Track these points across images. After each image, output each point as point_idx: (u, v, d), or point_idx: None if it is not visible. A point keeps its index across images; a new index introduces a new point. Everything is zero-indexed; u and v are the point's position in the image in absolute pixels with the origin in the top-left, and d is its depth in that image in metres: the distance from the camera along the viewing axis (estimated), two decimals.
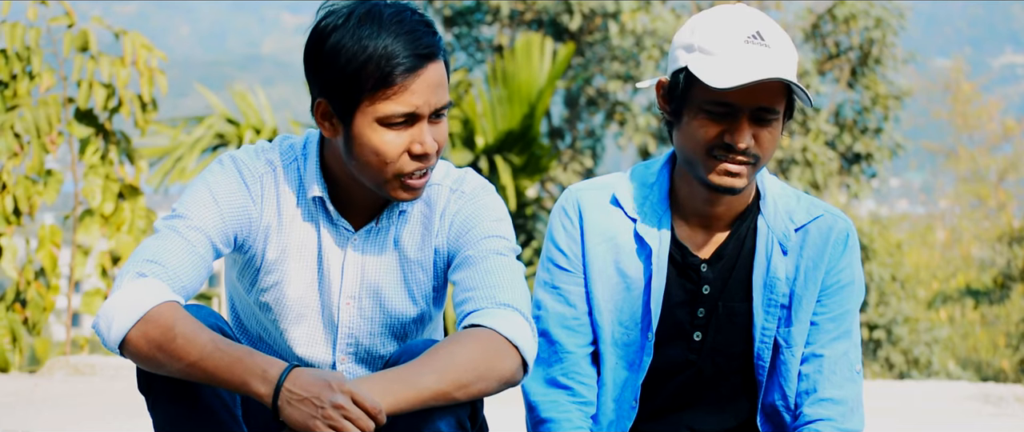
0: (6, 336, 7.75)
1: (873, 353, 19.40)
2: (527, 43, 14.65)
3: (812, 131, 19.50)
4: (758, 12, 2.93)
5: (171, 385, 2.64)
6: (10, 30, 7.98)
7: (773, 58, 2.85)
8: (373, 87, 2.64)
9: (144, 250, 2.69)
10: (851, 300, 3.07)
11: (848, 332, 3.07)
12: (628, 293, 3.07)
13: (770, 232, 3.04)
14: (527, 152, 14.23)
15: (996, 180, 28.63)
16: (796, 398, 3.06)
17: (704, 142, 2.90)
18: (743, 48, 2.85)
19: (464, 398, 2.61)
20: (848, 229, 3.07)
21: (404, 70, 2.64)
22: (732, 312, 3.06)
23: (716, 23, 2.89)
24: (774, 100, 2.87)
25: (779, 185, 3.11)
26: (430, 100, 2.69)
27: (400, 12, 2.68)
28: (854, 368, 3.07)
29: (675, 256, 3.05)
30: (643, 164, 3.14)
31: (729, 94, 2.85)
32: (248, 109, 13.76)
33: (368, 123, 2.68)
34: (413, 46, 2.65)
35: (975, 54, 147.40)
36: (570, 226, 3.09)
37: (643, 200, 3.07)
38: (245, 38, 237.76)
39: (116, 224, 8.18)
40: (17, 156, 7.85)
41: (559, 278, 3.09)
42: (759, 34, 2.87)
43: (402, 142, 2.69)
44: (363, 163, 2.72)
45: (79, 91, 8.14)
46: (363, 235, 2.86)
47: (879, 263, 19.15)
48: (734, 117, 2.87)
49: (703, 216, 3.05)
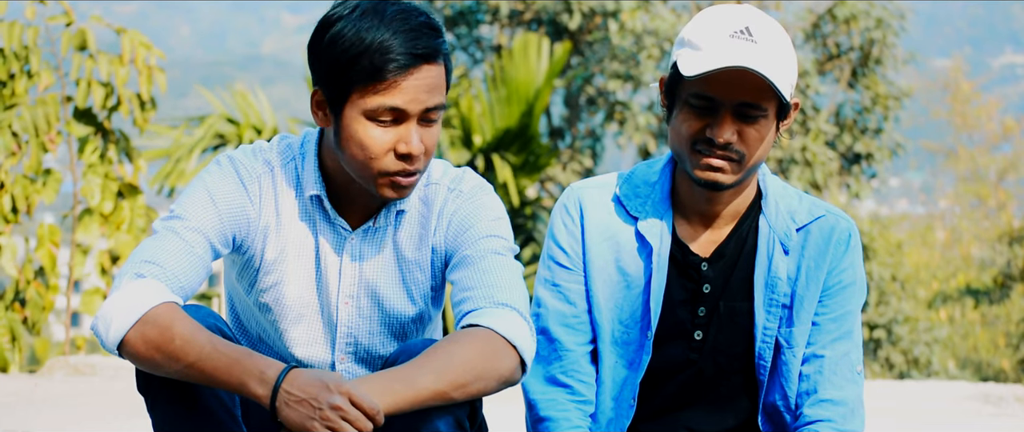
0: (5, 336, 7.74)
1: (873, 353, 19.40)
2: (525, 43, 14.65)
3: (812, 131, 19.50)
4: (756, 11, 2.93)
5: (170, 386, 2.64)
6: (8, 29, 7.97)
7: (756, 53, 2.84)
8: (364, 79, 2.64)
9: (142, 251, 2.69)
10: (853, 301, 3.06)
11: (849, 333, 3.06)
12: (628, 291, 3.06)
13: (771, 231, 3.03)
14: (525, 151, 14.23)
15: (996, 180, 28.64)
16: (797, 398, 3.05)
17: (688, 136, 2.91)
18: (727, 42, 2.84)
19: (462, 398, 2.61)
20: (850, 229, 3.06)
21: (397, 66, 2.64)
22: (733, 311, 3.05)
23: (708, 18, 2.90)
24: (758, 97, 2.86)
25: (781, 185, 3.10)
26: (420, 100, 2.68)
27: (405, 11, 2.68)
28: (855, 369, 3.06)
29: (676, 255, 3.05)
30: (645, 163, 3.14)
31: (711, 88, 2.85)
32: (248, 109, 13.76)
33: (356, 115, 2.68)
34: (411, 45, 2.65)
35: (975, 54, 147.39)
36: (571, 224, 3.09)
37: (645, 198, 3.07)
38: (245, 38, 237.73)
39: (116, 223, 8.18)
40: (15, 155, 7.85)
41: (559, 276, 3.09)
42: (747, 30, 2.86)
43: (388, 140, 2.69)
44: (349, 157, 2.72)
45: (78, 90, 8.13)
46: (361, 234, 2.86)
47: (879, 263, 19.15)
48: (716, 111, 2.87)
49: (704, 215, 3.04)
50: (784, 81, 2.86)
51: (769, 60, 2.84)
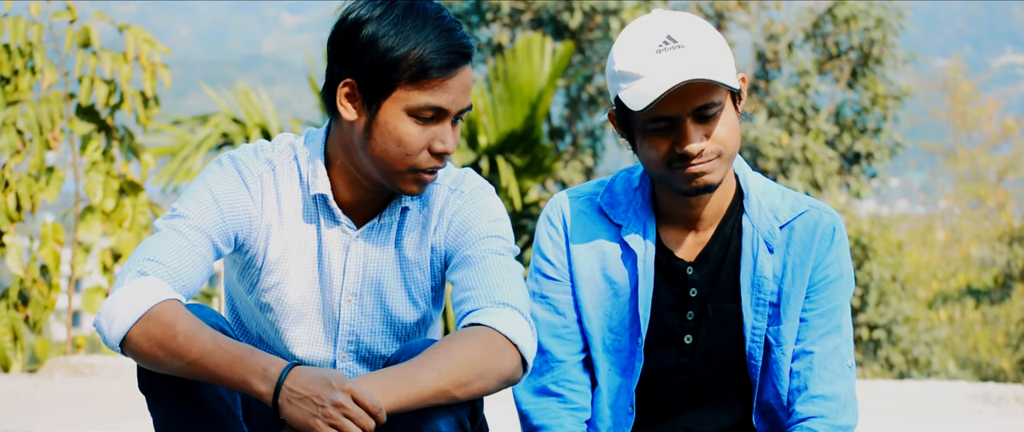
0: (7, 335, 7.74)
1: (873, 353, 19.39)
2: (527, 43, 14.64)
3: (812, 130, 19.51)
4: (667, 14, 2.90)
5: (171, 384, 2.64)
6: (13, 25, 7.96)
7: (687, 58, 2.82)
8: (412, 78, 2.68)
9: (145, 249, 2.70)
10: (840, 295, 3.05)
11: (838, 327, 3.05)
12: (616, 299, 3.06)
13: (755, 231, 3.02)
14: (529, 153, 14.23)
15: (995, 180, 28.65)
16: (789, 395, 3.04)
17: (659, 159, 2.90)
18: (656, 59, 2.83)
19: (464, 397, 2.62)
20: (834, 223, 3.04)
21: (444, 65, 2.68)
22: (722, 313, 3.04)
23: (629, 42, 2.88)
24: (709, 96, 2.85)
25: (762, 182, 3.08)
26: (459, 100, 2.73)
27: (439, 9, 2.74)
28: (845, 362, 3.05)
29: (661, 260, 3.04)
30: (626, 170, 3.14)
31: (662, 109, 2.84)
32: (252, 108, 13.77)
33: (396, 111, 2.70)
34: (455, 45, 2.70)
35: (975, 54, 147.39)
36: (556, 235, 3.09)
37: (627, 206, 3.07)
38: (245, 38, 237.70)
39: (118, 220, 8.16)
40: (20, 153, 7.84)
41: (547, 287, 3.09)
42: (670, 38, 2.84)
43: (425, 137, 2.72)
44: (381, 150, 2.73)
45: (81, 87, 8.11)
46: (365, 233, 2.86)
47: (879, 263, 19.14)
48: (677, 127, 2.86)
49: (687, 219, 3.03)
50: (724, 70, 2.85)
51: (702, 58, 2.83)
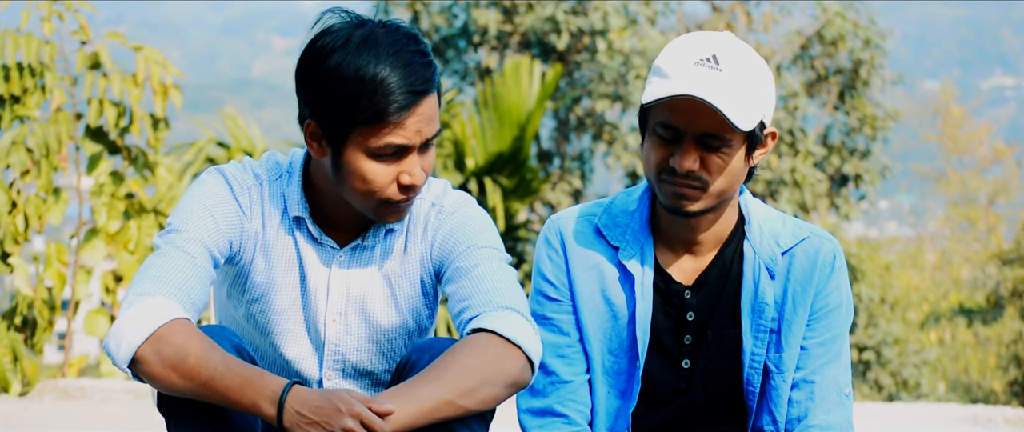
0: (7, 356, 7.68)
1: (862, 375, 19.40)
2: (516, 66, 14.67)
3: (801, 152, 19.54)
4: (730, 39, 2.88)
5: (195, 405, 2.62)
6: (26, 42, 7.91)
7: (718, 82, 2.80)
8: (366, 121, 2.64)
9: (149, 268, 2.69)
10: (840, 323, 3.04)
11: (838, 356, 3.04)
12: (615, 321, 3.05)
13: (756, 256, 3.01)
14: (517, 175, 14.24)
15: (986, 203, 28.71)
16: (787, 424, 3.03)
17: (653, 164, 2.90)
18: (690, 70, 2.81)
19: (473, 405, 2.61)
20: (835, 251, 3.04)
21: (398, 107, 2.64)
22: (721, 338, 3.04)
23: (680, 46, 2.87)
24: (719, 127, 2.82)
25: (764, 208, 3.08)
26: (423, 131, 2.70)
27: (397, 41, 2.68)
28: (843, 391, 3.04)
29: (658, 283, 3.03)
30: (624, 191, 3.13)
31: (673, 117, 2.83)
32: (239, 133, 13.77)
33: (358, 153, 2.69)
34: (409, 82, 2.65)
35: (964, 76, 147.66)
36: (555, 256, 3.07)
37: (624, 228, 3.05)
38: (235, 62, 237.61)
39: (123, 242, 8.11)
40: (29, 173, 7.80)
41: (549, 308, 3.07)
42: (714, 58, 2.82)
43: (390, 173, 2.71)
44: (350, 188, 2.73)
45: (89, 109, 8.04)
46: (348, 252, 2.87)
47: (868, 285, 19.16)
48: (680, 140, 2.85)
49: (686, 242, 3.02)
50: (746, 111, 2.82)
51: (731, 89, 2.80)
